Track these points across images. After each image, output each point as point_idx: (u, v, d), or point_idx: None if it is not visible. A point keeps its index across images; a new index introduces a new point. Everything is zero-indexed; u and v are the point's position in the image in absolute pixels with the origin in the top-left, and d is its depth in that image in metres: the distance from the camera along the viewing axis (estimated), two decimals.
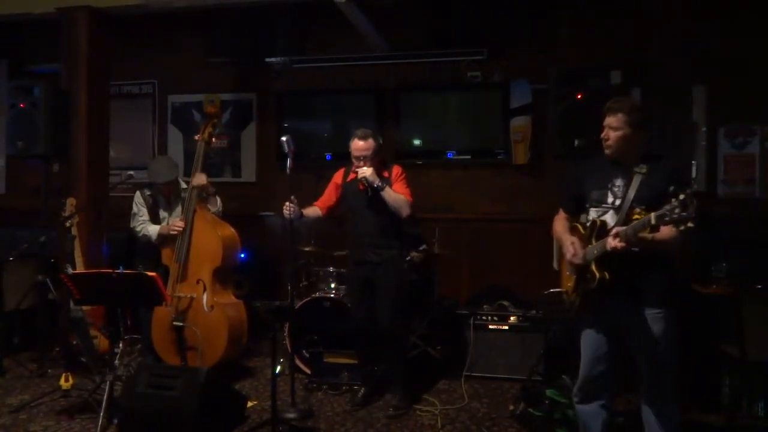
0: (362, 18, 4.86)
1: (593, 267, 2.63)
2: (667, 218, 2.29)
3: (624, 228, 2.50)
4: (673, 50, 4.05)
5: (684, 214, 2.23)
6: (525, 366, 4.27)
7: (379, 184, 3.75)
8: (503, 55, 5.48)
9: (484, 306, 4.70)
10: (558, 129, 4.16)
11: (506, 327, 4.49)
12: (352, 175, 3.91)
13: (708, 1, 4.68)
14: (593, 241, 2.65)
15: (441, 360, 4.65)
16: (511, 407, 3.81)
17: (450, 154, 5.56)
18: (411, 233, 4.73)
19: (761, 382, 3.73)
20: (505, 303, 4.70)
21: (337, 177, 4.10)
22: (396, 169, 3.95)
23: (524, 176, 5.47)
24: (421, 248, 4.82)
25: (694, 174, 4.87)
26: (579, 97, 4.09)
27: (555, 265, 4.97)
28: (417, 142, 5.71)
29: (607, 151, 2.73)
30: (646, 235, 2.44)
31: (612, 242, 2.50)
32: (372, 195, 3.81)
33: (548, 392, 3.62)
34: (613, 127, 2.68)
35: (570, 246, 2.76)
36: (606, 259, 2.58)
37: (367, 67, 5.71)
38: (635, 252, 2.54)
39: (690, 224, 2.24)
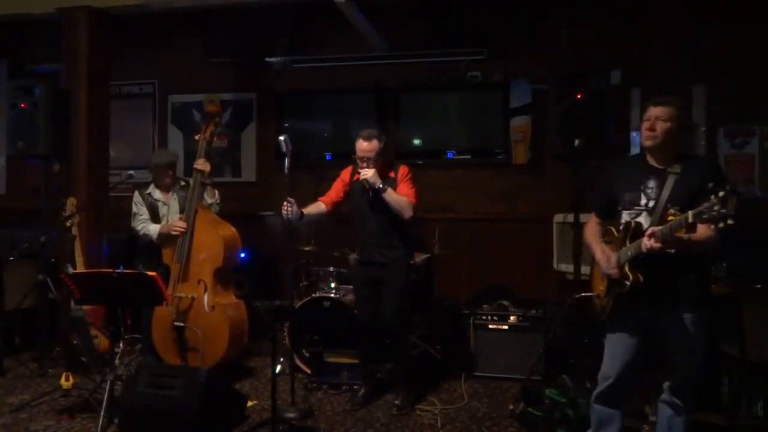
0: (362, 18, 4.86)
1: (627, 269, 2.57)
2: (705, 216, 2.23)
3: (660, 228, 2.45)
4: (673, 50, 4.04)
5: (723, 211, 2.17)
6: (525, 366, 4.27)
7: (380, 186, 3.75)
8: (503, 55, 5.48)
9: (484, 306, 4.70)
10: (558, 129, 4.16)
11: (506, 327, 4.49)
12: (357, 176, 3.91)
13: (708, 1, 4.68)
14: (627, 243, 2.59)
15: (441, 360, 4.66)
16: (511, 407, 3.81)
17: (450, 154, 5.57)
18: (414, 235, 4.72)
19: (761, 382, 3.73)
20: (505, 303, 4.69)
21: (345, 174, 4.09)
22: (402, 169, 3.93)
23: (524, 176, 5.48)
24: (424, 256, 4.83)
25: None
26: (579, 97, 4.09)
27: (555, 266, 4.99)
28: (417, 142, 5.71)
29: (649, 143, 2.65)
30: (682, 235, 2.39)
31: (647, 242, 2.44)
32: (374, 196, 3.81)
33: (548, 392, 3.62)
34: (663, 119, 2.61)
35: (601, 255, 2.71)
36: (640, 261, 2.53)
37: (367, 67, 5.72)
38: (670, 254, 2.49)
39: (730, 221, 2.19)
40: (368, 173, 3.75)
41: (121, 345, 4.02)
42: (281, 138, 3.74)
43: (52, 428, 3.62)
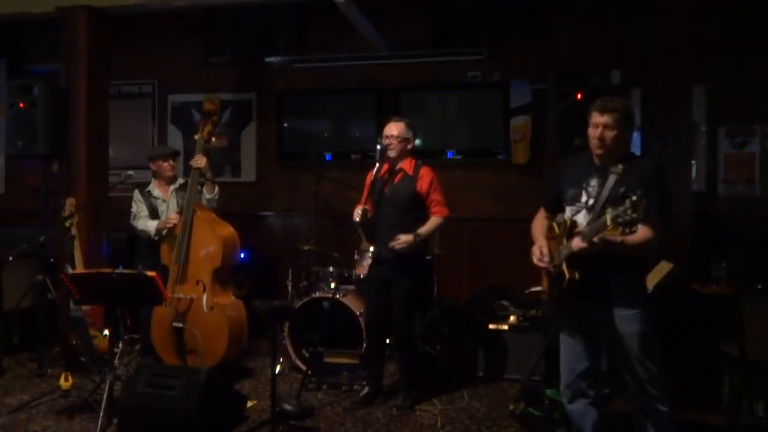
0: (362, 18, 4.86)
1: (564, 267, 2.62)
2: (620, 219, 2.28)
3: (586, 228, 2.52)
4: (673, 50, 4.04)
5: (634, 215, 2.23)
6: (525, 366, 4.27)
7: (415, 237, 3.74)
8: (503, 55, 5.48)
9: (484, 306, 4.69)
10: (558, 128, 4.16)
11: (506, 327, 4.49)
12: (381, 173, 3.92)
13: (708, 1, 4.68)
14: (565, 241, 2.64)
15: (441, 360, 4.65)
16: (511, 407, 3.80)
17: (450, 154, 5.56)
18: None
19: (761, 382, 3.73)
20: (505, 303, 4.69)
21: (368, 177, 4.04)
22: (426, 175, 3.90)
23: (524, 176, 5.48)
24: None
25: (693, 174, 4.86)
26: (579, 96, 4.09)
27: None
28: (417, 141, 5.68)
29: (599, 151, 2.67)
30: (615, 237, 2.42)
31: (576, 243, 2.52)
32: (390, 194, 3.84)
33: (548, 392, 3.62)
34: (610, 126, 2.63)
35: (536, 249, 2.78)
36: (576, 259, 2.57)
37: (367, 66, 5.71)
38: (604, 252, 2.52)
39: (635, 228, 2.25)
40: (400, 243, 3.74)
41: (120, 345, 4.02)
42: (378, 147, 3.88)
43: (52, 428, 3.62)
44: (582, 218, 2.68)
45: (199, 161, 4.34)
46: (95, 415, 3.55)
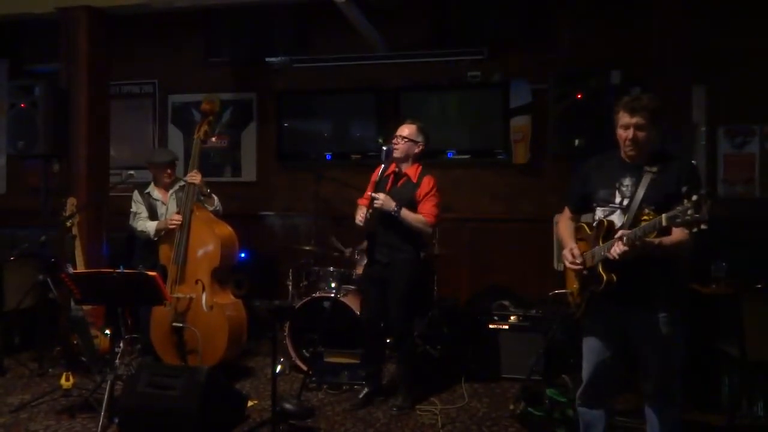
0: (362, 18, 4.86)
1: (600, 269, 2.54)
2: (678, 220, 2.20)
3: (630, 231, 2.41)
4: (673, 50, 4.04)
5: (697, 215, 2.15)
6: (525, 366, 4.27)
7: (395, 209, 3.72)
8: (503, 55, 5.48)
9: (484, 306, 4.70)
10: (558, 129, 4.17)
11: (506, 327, 4.49)
12: (387, 171, 3.92)
13: (708, 1, 4.68)
14: (600, 242, 2.56)
15: (441, 360, 4.65)
16: (511, 407, 3.81)
17: (450, 154, 5.56)
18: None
19: (761, 382, 3.73)
20: (505, 303, 4.69)
21: (375, 174, 4.03)
22: (427, 182, 3.87)
23: (524, 176, 5.48)
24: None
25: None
26: (579, 97, 4.10)
27: (555, 265, 4.98)
28: None
29: (631, 153, 2.59)
30: (652, 239, 2.37)
31: (617, 248, 2.41)
32: (391, 197, 3.82)
33: (548, 392, 3.62)
34: (641, 126, 2.54)
35: (568, 253, 2.69)
36: (613, 261, 2.50)
37: (367, 66, 5.71)
38: (643, 254, 2.45)
39: (703, 226, 2.17)
40: (380, 200, 3.72)
41: (121, 345, 4.02)
42: (384, 148, 3.87)
43: (53, 428, 3.62)
44: (616, 219, 2.59)
45: (194, 177, 4.32)
46: (96, 415, 3.55)
